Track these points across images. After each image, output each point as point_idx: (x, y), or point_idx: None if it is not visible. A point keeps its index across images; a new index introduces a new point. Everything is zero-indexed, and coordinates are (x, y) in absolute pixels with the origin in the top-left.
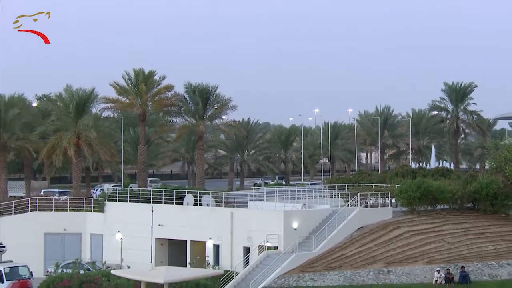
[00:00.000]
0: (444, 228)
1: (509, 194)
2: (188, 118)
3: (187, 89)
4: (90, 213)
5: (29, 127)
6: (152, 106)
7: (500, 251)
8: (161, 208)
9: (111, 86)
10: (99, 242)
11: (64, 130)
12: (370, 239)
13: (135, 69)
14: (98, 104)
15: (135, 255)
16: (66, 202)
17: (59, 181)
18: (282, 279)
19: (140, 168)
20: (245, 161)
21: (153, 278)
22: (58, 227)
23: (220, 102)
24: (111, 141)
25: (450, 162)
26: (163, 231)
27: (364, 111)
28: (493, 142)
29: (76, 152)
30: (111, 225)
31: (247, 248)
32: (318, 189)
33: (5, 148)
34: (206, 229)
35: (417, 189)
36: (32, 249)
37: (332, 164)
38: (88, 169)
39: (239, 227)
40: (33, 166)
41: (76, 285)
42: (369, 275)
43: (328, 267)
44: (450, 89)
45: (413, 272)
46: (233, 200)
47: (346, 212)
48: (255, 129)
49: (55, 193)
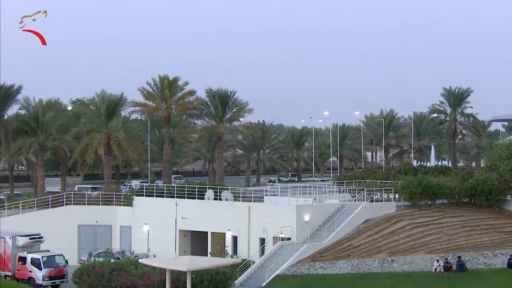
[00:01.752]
0: (443, 221)
1: (503, 190)
2: (208, 120)
3: (208, 93)
4: (120, 207)
5: (64, 128)
6: (176, 109)
7: (494, 242)
8: (184, 203)
9: (139, 91)
10: (127, 233)
11: (96, 131)
12: (375, 231)
13: (160, 76)
14: (127, 108)
15: (160, 245)
16: (98, 197)
17: (92, 177)
18: (295, 267)
19: (165, 166)
20: (261, 160)
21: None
22: (90, 220)
23: (238, 106)
24: (138, 141)
25: (449, 160)
26: (186, 224)
27: (370, 114)
28: (488, 142)
29: (107, 151)
30: (138, 218)
31: (263, 239)
32: (328, 185)
33: (43, 148)
34: (225, 222)
35: (418, 185)
36: (67, 239)
37: (341, 162)
38: (118, 166)
39: (256, 220)
40: (68, 164)
41: (107, 273)
42: (374, 264)
43: (337, 257)
44: (449, 93)
45: (414, 261)
46: (250, 195)
47: (353, 206)
48: (270, 130)
49: (87, 188)
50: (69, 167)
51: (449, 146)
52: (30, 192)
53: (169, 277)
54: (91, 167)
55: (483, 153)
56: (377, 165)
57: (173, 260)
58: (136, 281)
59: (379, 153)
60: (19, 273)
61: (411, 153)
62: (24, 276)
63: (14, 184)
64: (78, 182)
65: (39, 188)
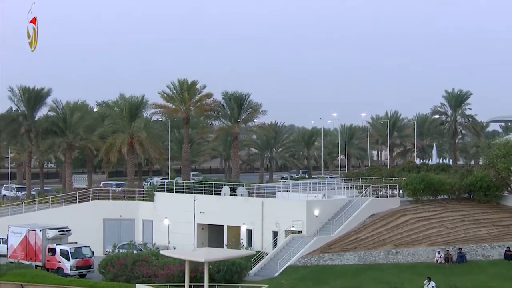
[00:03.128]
0: (444, 215)
1: (500, 186)
2: (225, 121)
3: (224, 96)
4: (142, 202)
5: (90, 129)
6: (194, 111)
7: (492, 234)
8: (202, 198)
9: (159, 94)
10: (149, 226)
11: (119, 132)
12: (381, 225)
13: (180, 80)
14: (149, 109)
15: (180, 238)
16: (122, 192)
17: (116, 174)
18: (305, 258)
19: (184, 163)
20: (273, 158)
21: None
22: (115, 214)
23: (252, 108)
24: (159, 141)
25: (449, 159)
26: (204, 218)
27: (376, 115)
28: (486, 142)
29: (130, 150)
30: (159, 212)
31: (275, 232)
32: (336, 182)
33: (71, 147)
34: (240, 216)
35: (421, 182)
36: (93, 232)
37: (348, 160)
38: (140, 164)
39: (269, 214)
40: (94, 162)
41: (130, 263)
42: (380, 255)
43: (344, 249)
44: (450, 96)
45: (417, 253)
46: (263, 191)
47: (360, 202)
48: (282, 130)
49: (112, 185)
50: (95, 165)
51: (449, 145)
52: (59, 188)
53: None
54: (115, 165)
55: (481, 152)
56: (382, 163)
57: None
58: (157, 271)
59: (384, 152)
60: (49, 263)
61: (414, 152)
62: (54, 266)
63: (44, 180)
64: (103, 178)
65: (67, 184)
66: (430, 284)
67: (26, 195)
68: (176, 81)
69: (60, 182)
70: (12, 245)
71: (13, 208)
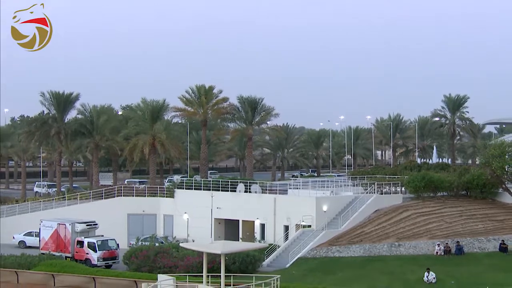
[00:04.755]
0: (443, 211)
1: (495, 183)
2: (240, 123)
3: (239, 100)
4: (163, 198)
5: (115, 130)
6: (212, 114)
7: (487, 229)
8: (219, 195)
9: (179, 99)
10: (170, 221)
11: (142, 133)
12: (384, 219)
13: (198, 85)
14: (169, 112)
15: (198, 232)
16: (144, 189)
17: (139, 173)
18: (314, 251)
19: (202, 163)
20: (285, 157)
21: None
22: (138, 209)
23: (265, 111)
24: (179, 142)
25: (448, 158)
26: (220, 213)
27: (380, 118)
28: (482, 143)
29: (152, 150)
30: (179, 208)
31: (287, 226)
32: (343, 180)
33: (97, 147)
34: (254, 211)
35: (422, 180)
36: (118, 226)
37: (354, 159)
38: (161, 163)
39: (280, 210)
40: (119, 161)
41: (153, 255)
42: (384, 248)
43: (351, 242)
44: (449, 100)
45: (418, 246)
46: (275, 188)
47: (365, 198)
48: (293, 132)
49: (135, 182)
50: (120, 163)
51: (448, 146)
52: (87, 186)
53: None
54: (139, 163)
55: (478, 152)
56: (386, 162)
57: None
58: (177, 262)
59: (387, 152)
60: (78, 255)
61: (416, 152)
62: (82, 257)
63: (73, 178)
64: (127, 176)
65: (94, 181)
66: (430, 275)
67: (57, 191)
68: (195, 86)
69: (87, 179)
70: (44, 238)
71: (44, 203)
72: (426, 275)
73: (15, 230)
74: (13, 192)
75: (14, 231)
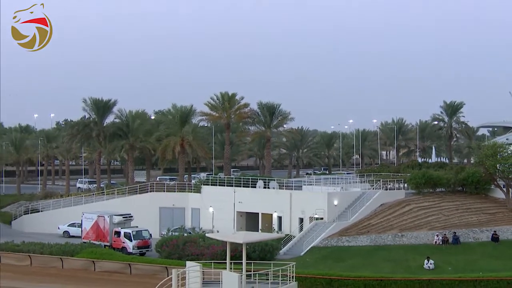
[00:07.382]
0: (441, 205)
1: (488, 180)
2: (259, 126)
3: (259, 106)
4: (191, 193)
5: (148, 133)
6: (234, 118)
7: (481, 221)
8: (241, 190)
9: (205, 105)
10: (197, 214)
11: (172, 135)
12: (389, 212)
13: (222, 92)
14: (196, 117)
15: (222, 223)
16: (174, 185)
17: (169, 170)
18: (326, 240)
19: (226, 161)
20: (300, 157)
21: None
22: (168, 203)
23: (282, 115)
24: (205, 143)
25: (446, 157)
26: (242, 206)
27: (385, 122)
28: (477, 144)
29: (181, 150)
30: (205, 202)
31: (301, 219)
32: (352, 177)
33: (133, 148)
34: (272, 205)
35: (422, 177)
36: (151, 218)
37: (362, 159)
38: (189, 162)
39: (296, 204)
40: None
41: (181, 244)
42: (388, 238)
43: (359, 232)
44: (446, 106)
45: (419, 236)
46: (291, 184)
47: (371, 193)
48: (307, 134)
49: (166, 179)
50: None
51: (446, 146)
52: (123, 182)
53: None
54: (169, 162)
55: (472, 152)
56: (390, 161)
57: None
58: (203, 251)
59: (391, 152)
60: (115, 244)
61: (417, 152)
62: (119, 246)
63: (111, 175)
64: (159, 174)
65: (130, 178)
66: (430, 262)
67: (96, 187)
68: (219, 93)
69: (123, 177)
70: (85, 228)
71: (85, 198)
72: (426, 263)
73: (60, 222)
74: (58, 187)
75: (59, 222)
